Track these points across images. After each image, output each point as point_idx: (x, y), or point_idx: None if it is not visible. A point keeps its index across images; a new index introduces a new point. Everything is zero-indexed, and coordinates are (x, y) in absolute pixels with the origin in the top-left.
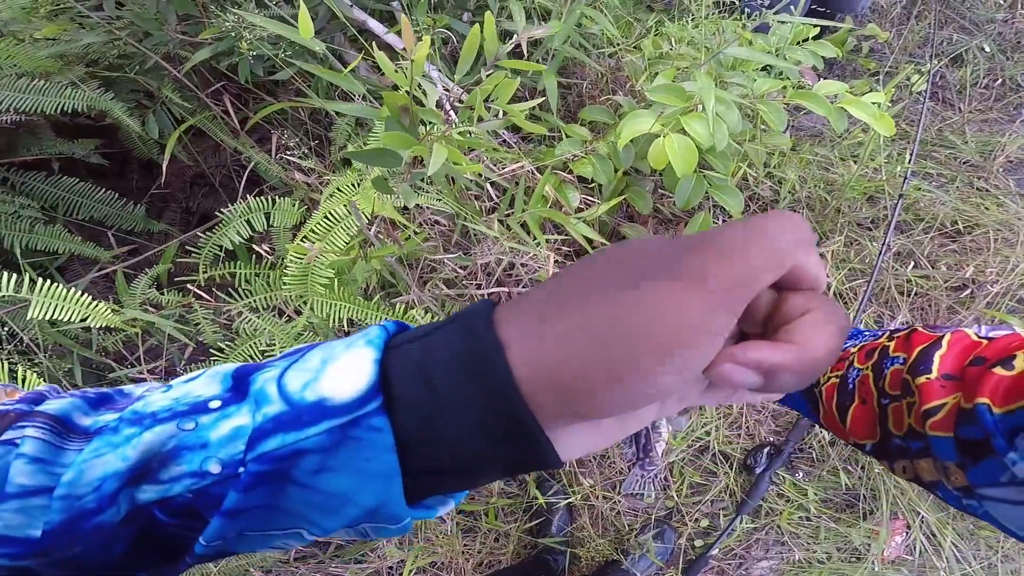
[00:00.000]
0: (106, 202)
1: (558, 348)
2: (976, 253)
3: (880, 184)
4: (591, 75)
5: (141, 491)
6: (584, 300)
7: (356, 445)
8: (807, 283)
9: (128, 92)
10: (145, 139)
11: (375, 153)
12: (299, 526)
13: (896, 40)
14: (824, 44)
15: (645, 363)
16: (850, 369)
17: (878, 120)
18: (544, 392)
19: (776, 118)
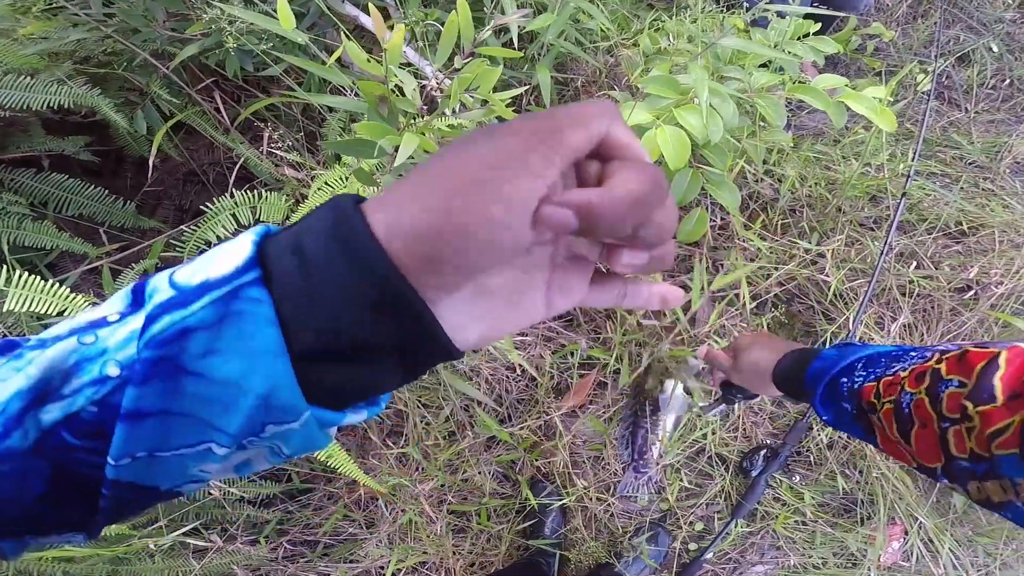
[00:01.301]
0: (96, 199)
1: (413, 207)
2: (980, 254)
3: (883, 183)
4: (588, 70)
5: (45, 411)
6: (425, 168)
7: (238, 320)
8: (623, 151)
9: (118, 89)
10: (135, 136)
11: (351, 144)
12: (205, 437)
13: (901, 39)
14: (825, 40)
15: (475, 200)
16: (903, 393)
17: (879, 115)
18: (409, 254)
19: (774, 113)
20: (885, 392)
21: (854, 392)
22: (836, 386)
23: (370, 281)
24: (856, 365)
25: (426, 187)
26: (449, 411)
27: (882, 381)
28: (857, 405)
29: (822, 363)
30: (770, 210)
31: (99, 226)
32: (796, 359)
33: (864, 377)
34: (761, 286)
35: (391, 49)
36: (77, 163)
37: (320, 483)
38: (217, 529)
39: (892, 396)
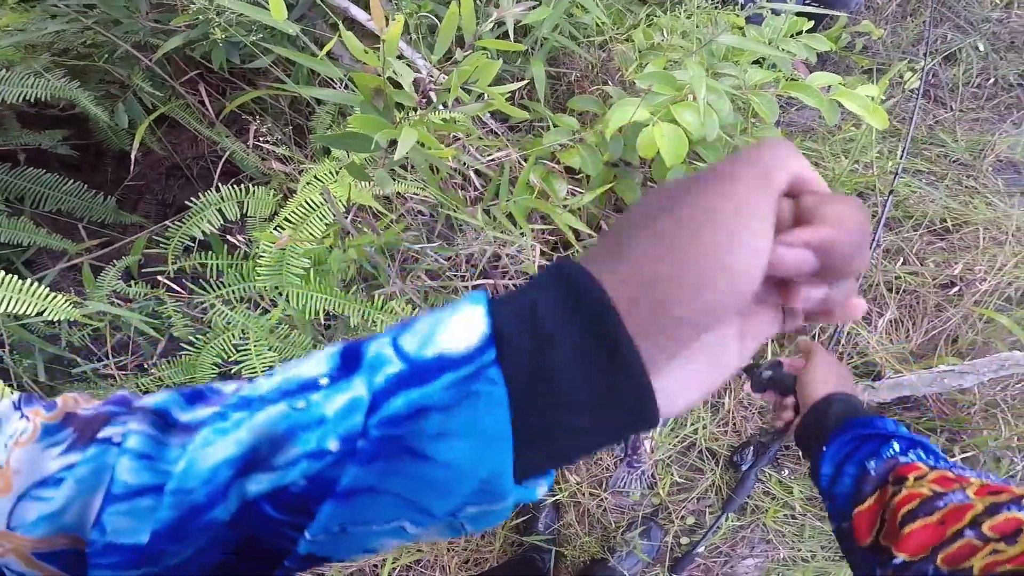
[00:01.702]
0: (74, 194)
1: (640, 266)
2: (964, 251)
3: (871, 180)
4: (581, 65)
5: (252, 482)
6: (647, 225)
7: (475, 401)
8: (811, 185)
9: (98, 82)
10: (116, 130)
11: (345, 137)
12: (405, 517)
13: (890, 37)
14: (818, 37)
15: (718, 249)
16: (955, 492)
17: (871, 113)
18: (636, 308)
19: (768, 109)
20: (934, 480)
21: (896, 462)
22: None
23: (607, 366)
24: (916, 444)
25: (646, 243)
26: None
27: (939, 472)
28: (885, 472)
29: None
30: None
31: (78, 222)
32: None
33: (922, 459)
34: None
35: (389, 40)
36: (55, 158)
37: None
38: None
39: (939, 488)
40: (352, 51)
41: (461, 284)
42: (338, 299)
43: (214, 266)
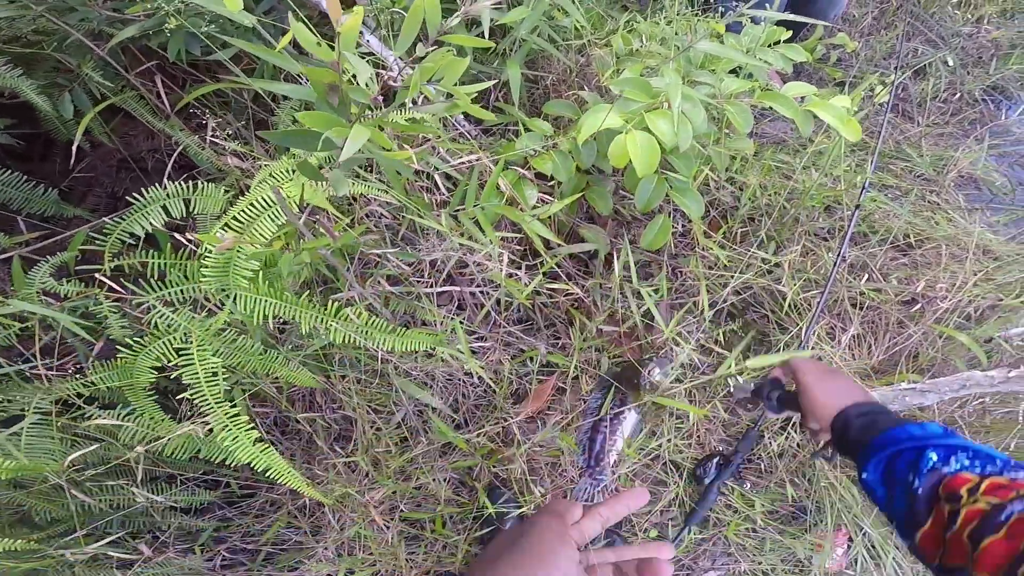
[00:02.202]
0: (12, 184)
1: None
2: (926, 268)
3: (839, 194)
4: (559, 69)
5: None
6: None
7: None
8: None
9: (48, 71)
10: (63, 120)
11: (295, 135)
12: None
13: (864, 50)
14: (794, 48)
15: None
16: (1014, 502)
17: (844, 124)
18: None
19: (742, 119)
20: (987, 491)
21: (940, 475)
22: (919, 458)
23: None
24: (958, 450)
25: None
26: (401, 417)
27: (989, 480)
28: (932, 488)
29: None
30: (730, 218)
31: (15, 214)
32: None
33: (967, 467)
34: (719, 295)
35: (345, 33)
36: (1, 148)
37: (262, 489)
38: (146, 538)
39: (995, 499)
40: (303, 43)
41: (424, 291)
42: (289, 304)
43: (156, 265)
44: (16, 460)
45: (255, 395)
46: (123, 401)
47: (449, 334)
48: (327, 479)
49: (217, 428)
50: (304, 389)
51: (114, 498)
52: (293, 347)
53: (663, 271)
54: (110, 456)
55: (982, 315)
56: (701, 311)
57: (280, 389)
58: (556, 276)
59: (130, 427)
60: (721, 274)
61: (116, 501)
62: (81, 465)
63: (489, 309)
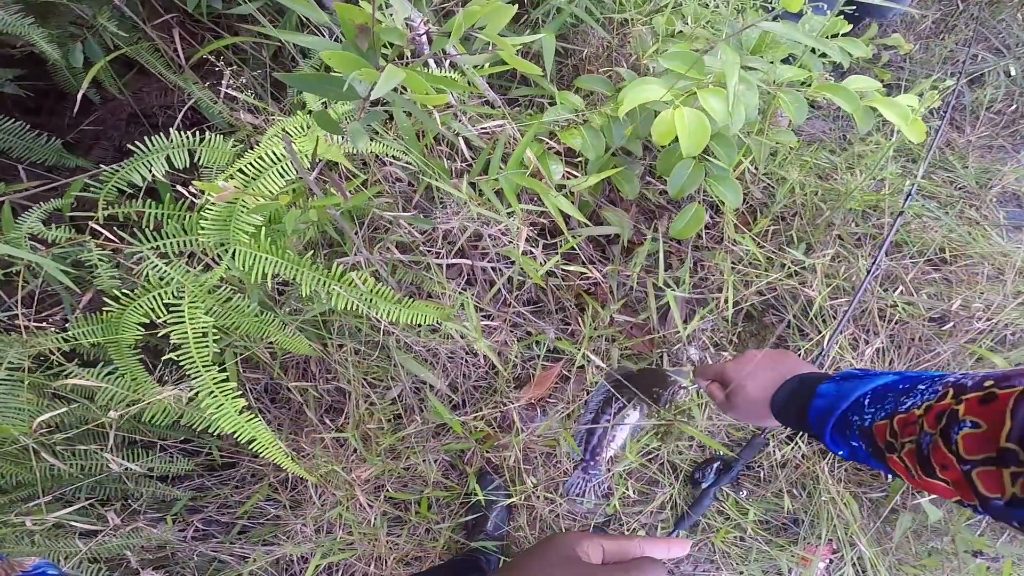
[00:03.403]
0: (15, 133)
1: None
2: (960, 285)
3: (881, 199)
4: (595, 43)
5: None
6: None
7: None
8: None
9: (63, 22)
10: (75, 71)
11: (314, 79)
12: None
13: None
14: (855, 41)
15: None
16: (923, 435)
17: (909, 124)
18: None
19: (796, 109)
20: (903, 432)
21: (866, 431)
22: (847, 424)
23: None
24: (863, 401)
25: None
26: (398, 393)
27: (896, 419)
28: (872, 444)
29: (825, 402)
30: (759, 214)
31: (17, 163)
32: (793, 392)
33: (873, 415)
34: (741, 293)
35: None
36: (11, 100)
37: (244, 459)
38: (116, 506)
39: (912, 436)
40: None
41: (435, 261)
42: (290, 263)
43: (153, 215)
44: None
45: (247, 360)
46: (106, 359)
47: (457, 310)
48: (313, 453)
49: (202, 394)
50: (299, 357)
51: (86, 463)
52: (291, 311)
53: (687, 263)
54: (87, 418)
55: (1018, 340)
56: (720, 308)
57: (274, 355)
58: (572, 258)
59: (109, 388)
60: (746, 271)
61: (88, 466)
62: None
63: (500, 287)
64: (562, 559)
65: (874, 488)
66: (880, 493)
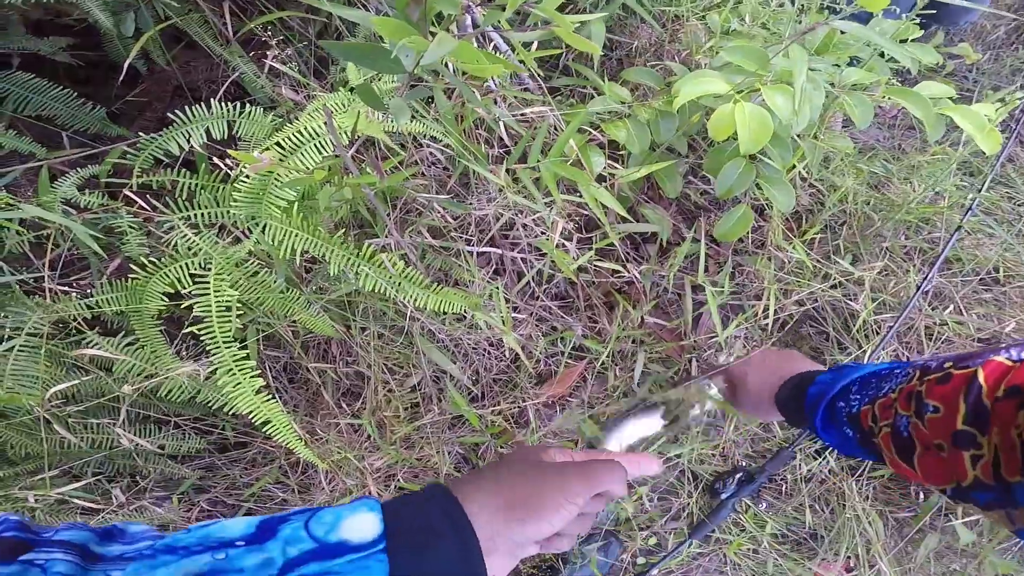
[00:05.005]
0: (61, 100)
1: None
2: (1013, 307)
3: (939, 211)
4: (645, 36)
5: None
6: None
7: (367, 572)
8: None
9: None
10: (125, 41)
11: (360, 49)
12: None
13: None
14: (925, 48)
15: (547, 512)
16: (898, 417)
17: (985, 134)
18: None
19: (862, 113)
20: (881, 415)
21: (853, 417)
22: (834, 411)
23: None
24: (851, 388)
25: (518, 507)
26: (417, 380)
27: (876, 403)
28: (859, 430)
29: (818, 388)
30: (804, 221)
31: (62, 130)
32: (795, 387)
33: (859, 400)
34: (781, 302)
35: None
36: (63, 70)
37: (257, 439)
38: (123, 483)
39: (888, 420)
40: None
41: (465, 248)
42: (321, 240)
43: (186, 185)
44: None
45: (268, 337)
46: (128, 328)
47: (486, 300)
48: (327, 438)
49: (221, 371)
50: (320, 337)
51: (96, 437)
52: (316, 289)
53: (726, 267)
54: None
55: None
56: (759, 317)
57: (296, 334)
58: (605, 254)
59: (127, 360)
60: (788, 279)
61: (98, 440)
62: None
63: (530, 279)
64: (527, 461)
65: (902, 508)
66: (908, 513)
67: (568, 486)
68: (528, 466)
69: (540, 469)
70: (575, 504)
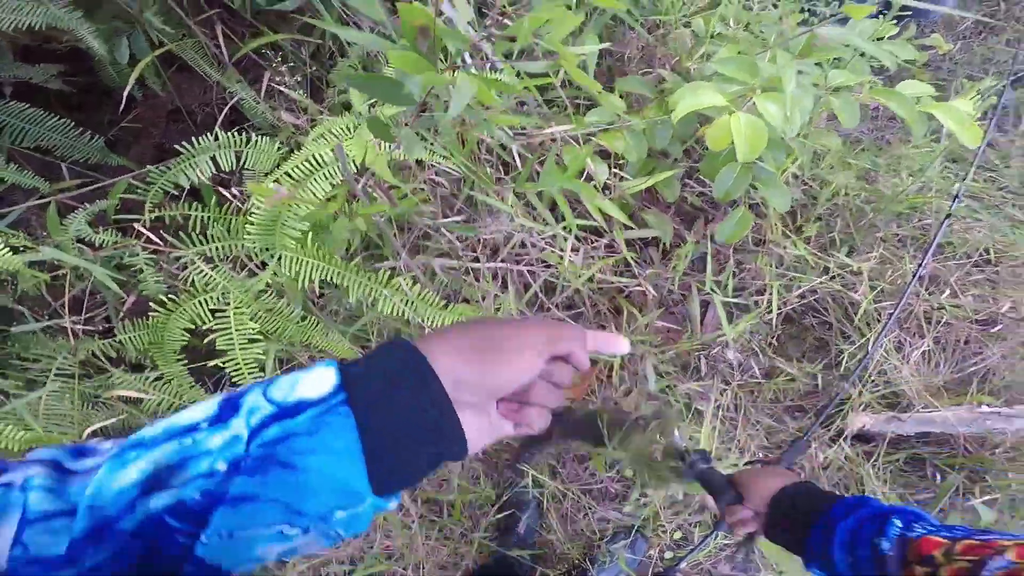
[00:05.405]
0: (59, 130)
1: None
2: (1005, 287)
3: (927, 200)
4: (633, 45)
5: (155, 499)
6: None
7: (329, 427)
8: (576, 360)
9: (111, 18)
10: (119, 68)
11: (377, 81)
12: (282, 520)
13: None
14: (904, 45)
15: (514, 360)
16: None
17: (965, 129)
18: (455, 386)
19: (848, 113)
20: (963, 552)
21: (905, 540)
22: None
23: (434, 407)
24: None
25: (478, 347)
26: None
27: (963, 542)
28: (901, 552)
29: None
30: (800, 217)
31: (61, 161)
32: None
33: (931, 531)
34: (784, 297)
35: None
36: (54, 97)
37: None
38: None
39: (973, 557)
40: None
41: (474, 266)
42: (336, 268)
43: (199, 219)
44: (33, 431)
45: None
46: (151, 363)
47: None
48: None
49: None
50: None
51: None
52: (329, 312)
53: (729, 267)
54: (133, 424)
55: None
56: (763, 312)
57: (312, 358)
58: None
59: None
60: (789, 274)
61: None
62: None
63: (536, 290)
64: (490, 319)
65: (919, 489)
66: (928, 494)
67: (528, 332)
68: (489, 319)
69: (501, 320)
70: (535, 351)
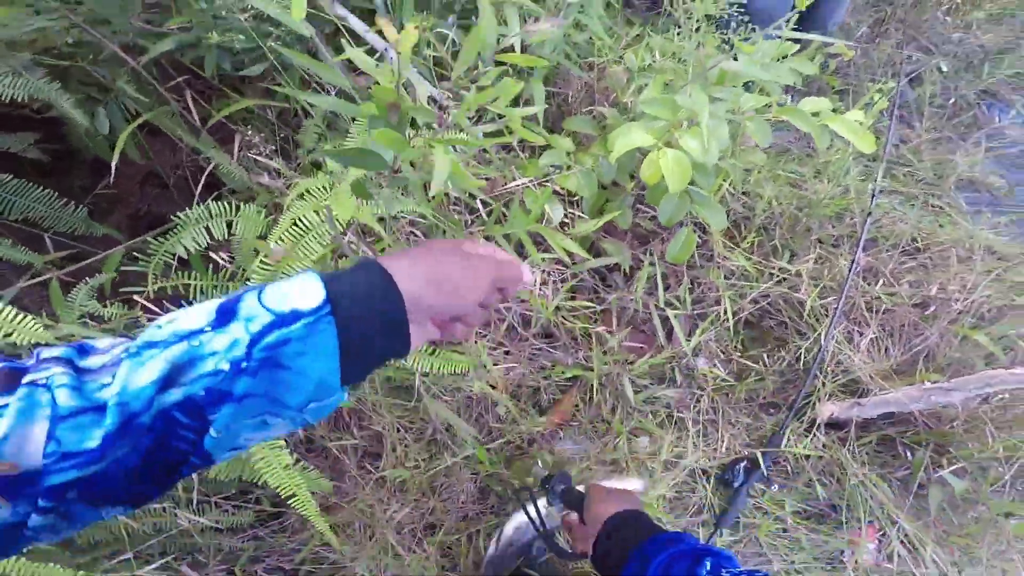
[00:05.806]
0: (43, 201)
1: (422, 283)
2: (936, 271)
3: (850, 202)
4: (576, 86)
5: (168, 395)
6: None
7: (320, 334)
8: (513, 286)
9: (80, 84)
10: (93, 135)
11: (358, 154)
12: (267, 411)
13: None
14: (805, 61)
15: (463, 290)
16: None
17: (859, 137)
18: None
19: (762, 134)
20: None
21: None
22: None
23: (393, 323)
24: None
25: (435, 279)
26: (430, 432)
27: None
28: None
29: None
30: (743, 228)
31: (44, 232)
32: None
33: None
34: (738, 304)
35: (405, 51)
36: (27, 162)
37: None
38: (188, 560)
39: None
40: (362, 66)
41: None
42: None
43: (197, 287)
44: None
45: None
46: None
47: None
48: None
49: (254, 448)
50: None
51: (158, 519)
52: None
53: (684, 283)
54: None
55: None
56: (722, 321)
57: None
58: (578, 289)
59: None
60: (738, 284)
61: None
62: None
63: (512, 323)
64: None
65: (896, 467)
66: (905, 471)
67: (479, 273)
68: (453, 250)
69: (456, 251)
70: (483, 290)
